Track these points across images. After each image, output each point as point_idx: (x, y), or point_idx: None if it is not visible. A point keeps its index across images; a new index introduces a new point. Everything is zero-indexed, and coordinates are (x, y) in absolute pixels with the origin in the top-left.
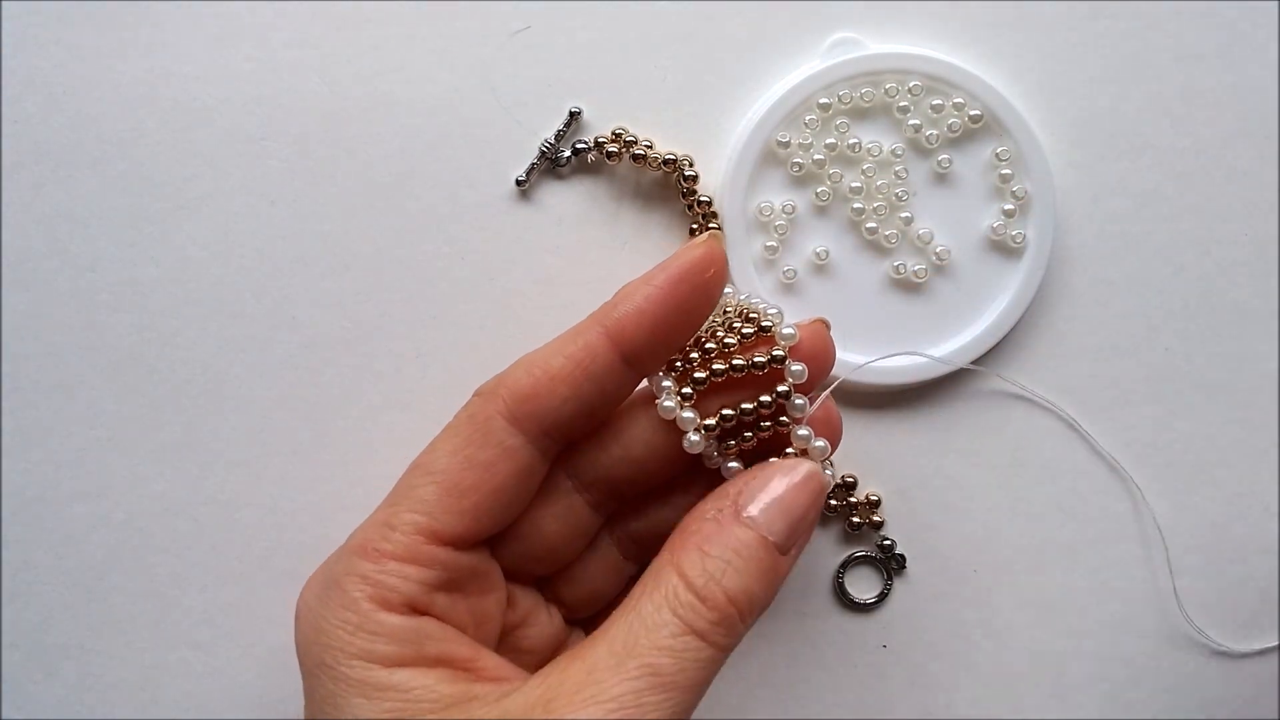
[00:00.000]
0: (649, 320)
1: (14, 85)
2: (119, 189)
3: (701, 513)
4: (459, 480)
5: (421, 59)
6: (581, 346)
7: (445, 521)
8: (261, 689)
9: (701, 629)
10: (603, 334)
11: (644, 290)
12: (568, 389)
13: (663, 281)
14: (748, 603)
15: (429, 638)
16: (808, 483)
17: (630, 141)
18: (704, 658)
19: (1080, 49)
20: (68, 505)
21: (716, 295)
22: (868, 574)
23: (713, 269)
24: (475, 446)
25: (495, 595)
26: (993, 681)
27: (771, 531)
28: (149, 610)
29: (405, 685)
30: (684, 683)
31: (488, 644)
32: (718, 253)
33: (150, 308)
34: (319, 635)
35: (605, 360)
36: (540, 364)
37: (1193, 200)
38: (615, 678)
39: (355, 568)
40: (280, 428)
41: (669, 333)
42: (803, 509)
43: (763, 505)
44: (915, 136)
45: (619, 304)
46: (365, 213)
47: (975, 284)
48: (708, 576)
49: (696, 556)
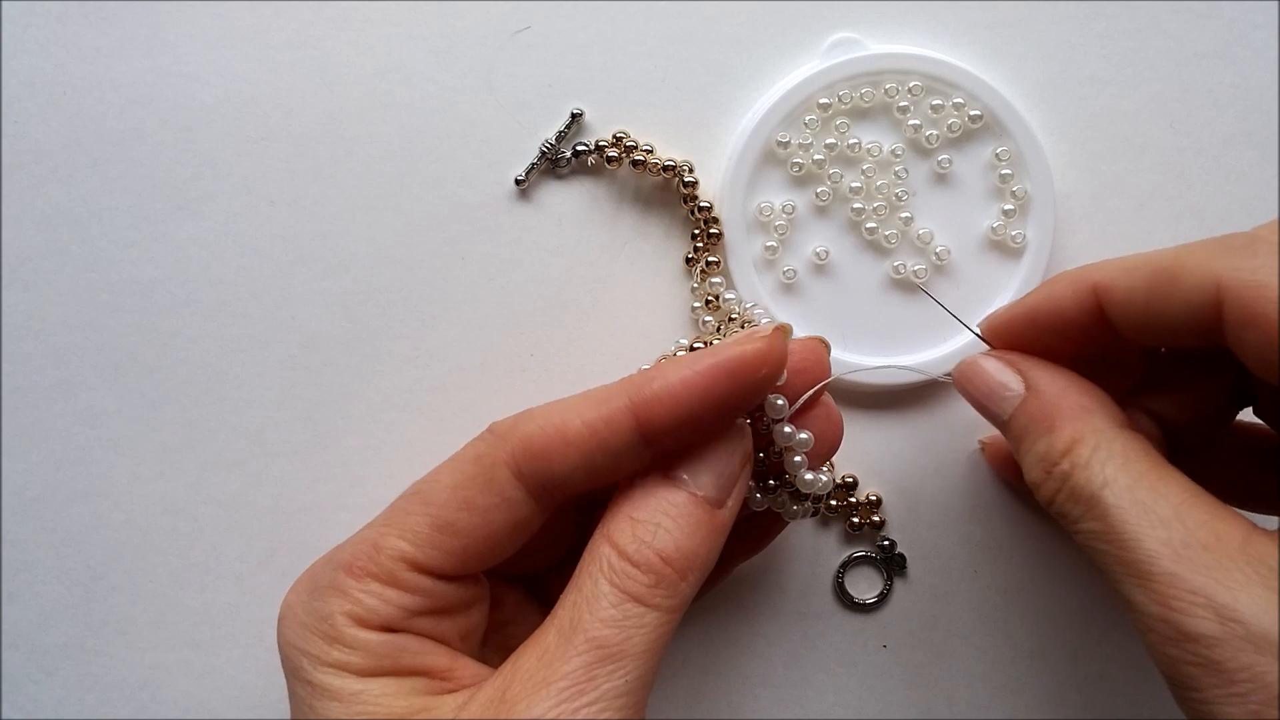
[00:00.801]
0: (680, 408)
1: (14, 85)
2: (119, 189)
3: (629, 482)
4: (453, 520)
5: (421, 59)
6: (603, 417)
7: (431, 556)
8: (261, 689)
9: (638, 593)
10: (628, 409)
11: (682, 373)
12: (579, 456)
13: (706, 369)
14: (683, 560)
15: (405, 651)
16: (730, 434)
17: (631, 146)
18: (648, 622)
19: (1080, 49)
20: (68, 505)
21: (762, 396)
22: (868, 574)
23: (766, 369)
24: (476, 490)
25: (480, 607)
26: (993, 681)
27: (700, 487)
28: (149, 610)
29: (376, 693)
30: (631, 650)
31: (472, 648)
32: (778, 352)
33: (150, 308)
34: (297, 640)
35: (625, 437)
36: (557, 423)
37: (1193, 200)
38: (564, 656)
39: (338, 582)
40: (280, 428)
41: (698, 423)
42: (727, 459)
43: (688, 464)
44: (915, 136)
45: (653, 380)
46: (365, 213)
47: (975, 284)
48: (638, 542)
49: (626, 524)
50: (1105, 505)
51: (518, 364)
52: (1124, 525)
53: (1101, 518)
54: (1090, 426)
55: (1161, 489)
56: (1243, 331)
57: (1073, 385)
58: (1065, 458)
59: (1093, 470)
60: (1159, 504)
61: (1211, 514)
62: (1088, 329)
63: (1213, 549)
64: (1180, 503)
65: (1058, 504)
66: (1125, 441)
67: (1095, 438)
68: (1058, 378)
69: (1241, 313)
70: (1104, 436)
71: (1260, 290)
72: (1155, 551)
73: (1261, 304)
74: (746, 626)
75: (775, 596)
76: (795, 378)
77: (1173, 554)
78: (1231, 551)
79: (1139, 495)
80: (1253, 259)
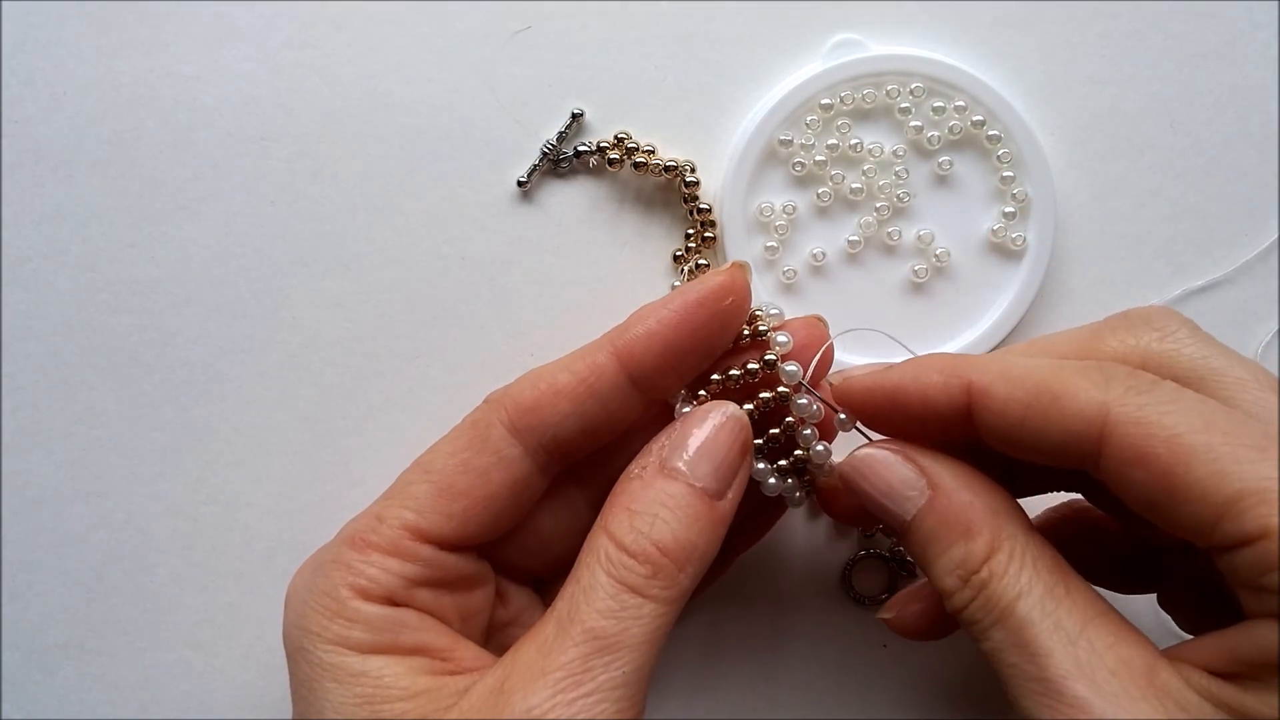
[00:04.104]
0: (659, 344)
1: (14, 85)
2: (119, 189)
3: (627, 474)
4: (453, 482)
5: (421, 59)
6: (588, 364)
7: (433, 521)
8: (261, 689)
9: (636, 584)
10: (612, 354)
11: (658, 313)
12: (570, 405)
13: (678, 306)
14: (681, 551)
15: (405, 627)
16: (728, 424)
17: (632, 148)
18: (645, 614)
19: (1080, 49)
20: (68, 505)
21: (735, 325)
22: (875, 574)
23: (731, 297)
24: (473, 451)
25: (483, 591)
26: (993, 681)
27: (698, 478)
28: (149, 610)
29: (377, 673)
30: (629, 641)
31: (474, 637)
32: (739, 282)
33: (150, 308)
34: (299, 619)
35: (612, 380)
36: (546, 378)
37: (1193, 200)
38: (561, 647)
39: (341, 556)
40: (280, 428)
41: (681, 358)
42: (726, 450)
43: (686, 455)
44: (916, 138)
45: (631, 326)
46: (365, 212)
47: (975, 285)
48: (635, 533)
49: (624, 516)
50: (1018, 618)
51: (518, 364)
52: (1036, 640)
53: (1015, 630)
54: (1006, 532)
55: (1068, 603)
56: (1127, 469)
57: (977, 483)
58: (985, 565)
59: (1009, 580)
60: (1067, 619)
61: (1116, 635)
62: (950, 424)
63: (1119, 675)
64: (1086, 620)
65: (969, 613)
66: (1037, 549)
67: (1011, 544)
68: (959, 474)
69: (1129, 451)
70: (1019, 543)
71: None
72: (1068, 672)
73: (1150, 443)
74: (747, 624)
75: (777, 594)
76: (802, 354)
77: (1085, 677)
78: (1139, 681)
79: (1049, 608)
80: (1141, 395)
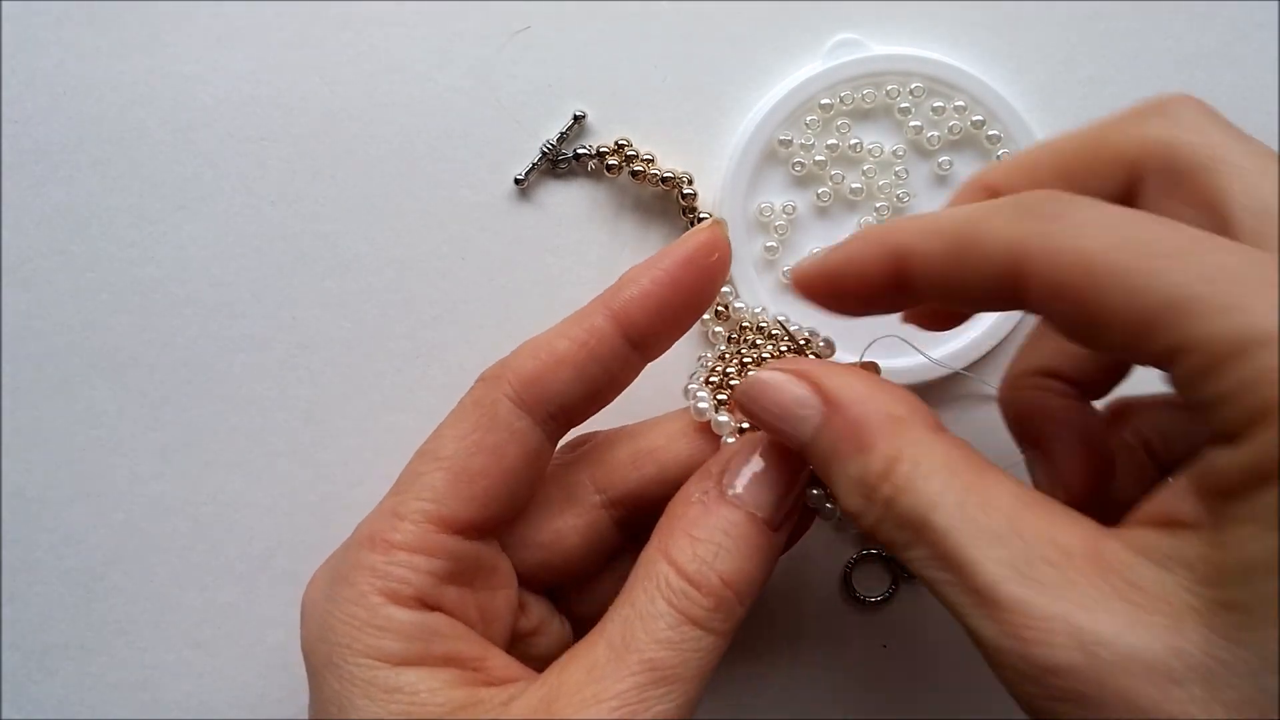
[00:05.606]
0: (654, 303)
1: (14, 85)
2: (119, 189)
3: (687, 496)
4: (468, 465)
5: (421, 59)
6: (586, 329)
7: (455, 508)
8: (261, 689)
9: (698, 617)
10: (608, 316)
11: (649, 273)
12: (572, 371)
13: (668, 265)
14: (743, 584)
15: (437, 634)
16: (791, 459)
17: (631, 156)
18: (704, 646)
19: (1080, 49)
20: (68, 505)
21: (720, 279)
22: (876, 573)
23: (716, 254)
24: (483, 430)
25: (505, 592)
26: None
27: (759, 508)
28: (149, 610)
29: (412, 687)
30: (686, 674)
31: (497, 643)
32: (721, 238)
33: (150, 308)
34: (326, 632)
35: (610, 342)
36: (545, 347)
37: None
38: (616, 675)
39: (364, 560)
40: (280, 428)
41: (674, 315)
42: (789, 482)
43: (746, 481)
44: (916, 138)
45: (624, 287)
46: (365, 213)
47: None
48: (699, 562)
49: (686, 542)
50: (936, 530)
51: None
52: (960, 549)
53: (935, 544)
54: (907, 439)
55: (989, 503)
56: (1050, 304)
57: (877, 391)
58: (885, 481)
59: (917, 490)
60: (991, 518)
61: (1048, 521)
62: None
63: (1058, 564)
64: (1012, 515)
65: (883, 532)
66: (946, 449)
67: (914, 450)
68: (857, 384)
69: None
70: (923, 448)
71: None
72: (999, 576)
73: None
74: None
75: (777, 593)
76: None
77: (1019, 576)
78: (1080, 564)
79: (970, 511)
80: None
